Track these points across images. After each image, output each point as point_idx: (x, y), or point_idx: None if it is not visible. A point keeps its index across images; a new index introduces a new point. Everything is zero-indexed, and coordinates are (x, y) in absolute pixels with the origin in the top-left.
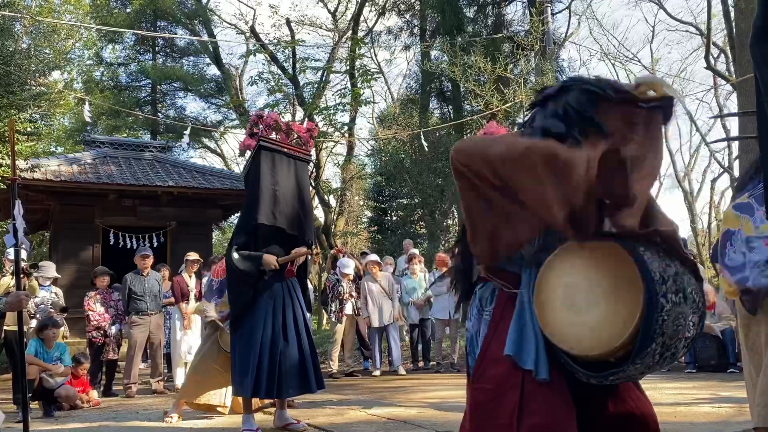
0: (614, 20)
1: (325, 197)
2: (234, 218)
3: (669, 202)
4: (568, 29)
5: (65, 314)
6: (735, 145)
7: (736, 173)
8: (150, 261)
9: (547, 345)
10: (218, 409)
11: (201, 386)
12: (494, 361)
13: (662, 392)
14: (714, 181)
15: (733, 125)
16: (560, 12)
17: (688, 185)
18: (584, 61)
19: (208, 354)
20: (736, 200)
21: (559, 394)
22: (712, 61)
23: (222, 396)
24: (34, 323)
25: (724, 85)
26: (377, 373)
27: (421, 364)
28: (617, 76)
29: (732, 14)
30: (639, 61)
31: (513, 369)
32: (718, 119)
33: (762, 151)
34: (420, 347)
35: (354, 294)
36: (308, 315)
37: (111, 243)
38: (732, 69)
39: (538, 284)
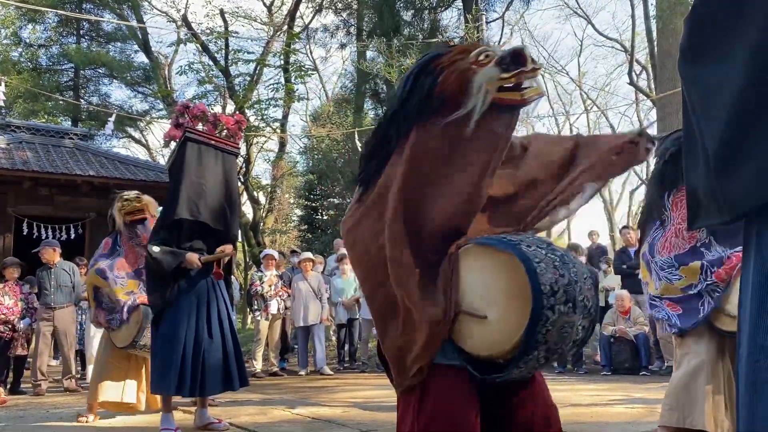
0: (545, 32)
1: (255, 193)
2: (157, 211)
3: (589, 212)
4: (501, 38)
5: None
6: (652, 159)
7: None
8: (50, 254)
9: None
10: (109, 406)
11: (101, 383)
12: None
13: (579, 393)
14: (632, 192)
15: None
16: (494, 21)
17: (609, 195)
18: None
19: (103, 351)
20: (641, 248)
21: (458, 391)
22: (635, 78)
23: (119, 391)
24: None
25: (645, 100)
26: (303, 373)
27: (347, 364)
28: (546, 86)
29: (654, 34)
30: (567, 74)
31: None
32: None
33: (686, 168)
34: (347, 347)
35: (281, 292)
36: (233, 314)
37: (24, 233)
38: (653, 86)
39: None
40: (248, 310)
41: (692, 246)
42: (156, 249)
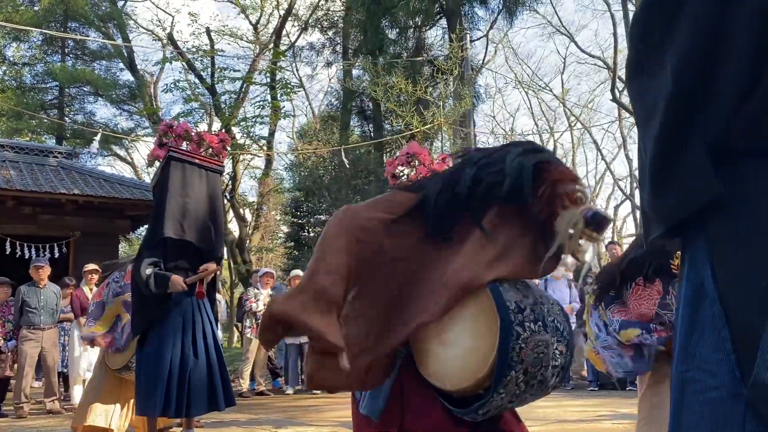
0: (529, 50)
1: (241, 211)
2: (143, 230)
3: None
4: (485, 56)
5: None
6: (637, 173)
7: (637, 201)
8: (45, 272)
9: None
10: (92, 431)
11: (92, 406)
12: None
13: (567, 409)
14: (617, 207)
15: (635, 155)
16: (478, 39)
17: None
18: (500, 88)
19: (97, 374)
20: (592, 314)
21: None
22: (618, 94)
23: (108, 417)
24: None
25: (628, 117)
26: (290, 391)
27: None
28: (530, 103)
29: None
30: (551, 91)
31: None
32: (622, 148)
33: (639, 186)
34: None
35: None
36: (218, 332)
37: (7, 253)
38: None
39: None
40: (235, 327)
41: (644, 325)
42: (148, 272)
